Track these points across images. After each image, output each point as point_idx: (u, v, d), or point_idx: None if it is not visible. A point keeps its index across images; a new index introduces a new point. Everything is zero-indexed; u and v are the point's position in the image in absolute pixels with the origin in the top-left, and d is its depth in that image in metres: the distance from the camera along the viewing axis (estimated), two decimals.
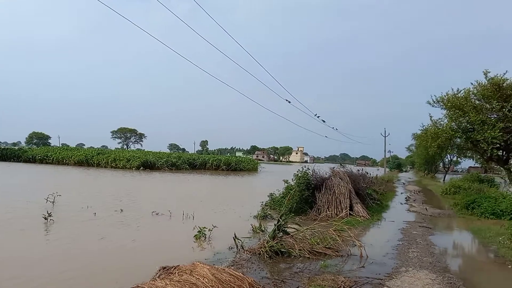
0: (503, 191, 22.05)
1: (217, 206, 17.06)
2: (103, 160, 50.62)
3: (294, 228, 10.08)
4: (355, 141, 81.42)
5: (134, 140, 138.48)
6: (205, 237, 10.29)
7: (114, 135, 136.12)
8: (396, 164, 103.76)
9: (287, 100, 23.86)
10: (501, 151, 19.50)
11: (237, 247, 9.17)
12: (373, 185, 23.68)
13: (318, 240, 9.54)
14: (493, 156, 19.85)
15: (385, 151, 61.80)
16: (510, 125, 18.88)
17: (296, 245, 9.04)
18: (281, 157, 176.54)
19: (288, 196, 13.95)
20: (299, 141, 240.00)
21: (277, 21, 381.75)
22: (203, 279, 5.47)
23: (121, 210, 14.47)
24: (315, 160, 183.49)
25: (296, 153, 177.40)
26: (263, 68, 21.93)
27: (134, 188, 25.53)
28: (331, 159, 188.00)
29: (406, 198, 24.67)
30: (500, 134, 18.49)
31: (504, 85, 19.40)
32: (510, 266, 8.65)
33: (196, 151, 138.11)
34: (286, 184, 16.86)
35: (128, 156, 50.85)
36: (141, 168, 46.78)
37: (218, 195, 23.04)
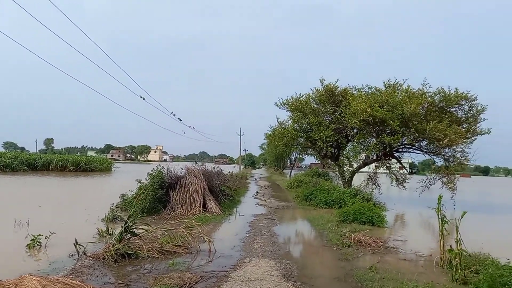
0: (334, 184, 25.54)
1: (60, 210, 15.31)
2: None
3: (143, 229, 9.72)
4: (212, 139, 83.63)
5: None
6: (41, 245, 9.05)
7: None
8: (251, 162, 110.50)
9: (141, 97, 22.98)
10: (333, 148, 22.43)
11: (78, 254, 8.33)
12: (227, 182, 24.59)
13: (168, 239, 9.38)
14: (327, 153, 22.75)
15: (240, 149, 65.26)
16: (340, 126, 21.89)
17: (144, 246, 8.69)
18: (138, 156, 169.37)
19: (137, 196, 13.38)
20: (158, 139, 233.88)
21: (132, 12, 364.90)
22: None
23: None
24: (175, 158, 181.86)
25: (155, 152, 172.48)
26: (113, 61, 20.42)
27: None
28: (190, 157, 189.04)
29: (256, 192, 26.39)
30: (332, 134, 21.27)
31: (336, 91, 22.35)
32: (335, 248, 10.02)
33: (39, 151, 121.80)
34: (139, 184, 16.17)
35: None
36: None
37: (62, 199, 20.64)
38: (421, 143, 20.53)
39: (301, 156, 56.90)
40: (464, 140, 19.24)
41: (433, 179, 21.54)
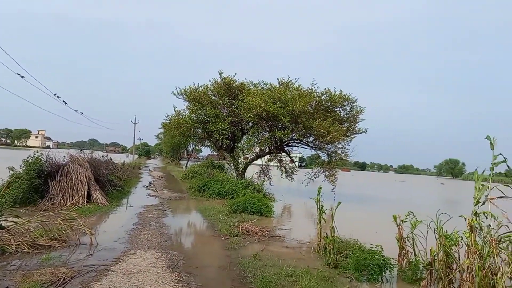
0: (228, 175, 26.05)
1: None
2: None
3: (13, 221, 8.73)
4: (103, 126, 78.24)
5: None
6: None
7: None
8: (146, 151, 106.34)
9: (19, 75, 20.32)
10: (229, 141, 22.81)
11: None
12: (117, 171, 23.30)
13: (43, 232, 8.54)
14: (223, 145, 23.06)
15: (134, 138, 62.24)
16: (236, 119, 22.35)
17: (13, 240, 7.78)
18: (16, 141, 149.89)
19: (7, 185, 11.89)
20: (41, 123, 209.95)
21: None
22: None
23: None
24: (60, 145, 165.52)
25: (36, 137, 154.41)
26: None
27: None
28: (78, 145, 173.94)
29: (149, 183, 25.54)
30: (228, 126, 21.61)
31: (233, 85, 22.70)
32: (223, 238, 10.25)
33: None
34: (11, 171, 14.33)
35: None
36: None
37: None
38: (309, 139, 22.12)
39: (198, 147, 56.72)
40: (345, 138, 21.28)
41: (317, 172, 23.41)
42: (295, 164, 26.76)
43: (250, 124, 22.43)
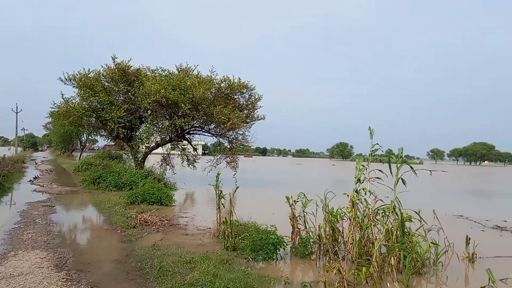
0: (126, 165, 24.84)
1: None
2: None
3: None
4: None
5: None
6: None
7: None
8: (32, 143, 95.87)
9: None
10: (125, 130, 21.71)
11: None
12: None
13: None
14: (120, 134, 21.86)
15: (16, 128, 55.42)
16: (133, 107, 21.34)
17: None
18: None
19: None
20: None
21: None
22: None
23: None
24: None
25: None
26: None
27: None
28: None
29: (34, 177, 23.09)
30: (124, 114, 20.52)
31: (128, 71, 21.57)
32: (119, 231, 9.78)
33: None
34: None
35: None
36: None
37: None
38: (210, 126, 22.14)
39: (92, 137, 52.83)
40: (245, 124, 21.79)
41: (219, 159, 23.62)
42: (197, 152, 26.60)
43: (148, 112, 21.55)
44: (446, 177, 45.24)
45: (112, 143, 41.85)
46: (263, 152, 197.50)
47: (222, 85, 21.31)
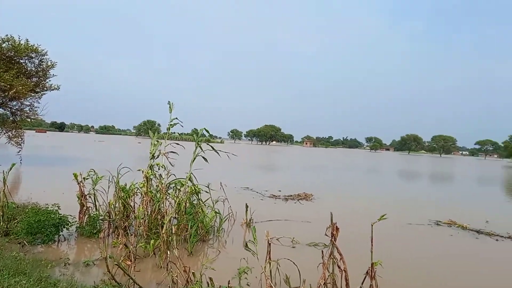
0: None
1: None
2: None
3: None
4: None
5: None
6: None
7: None
8: None
9: None
10: None
11: None
12: None
13: None
14: None
15: None
16: None
17: None
18: None
19: None
20: None
21: None
22: None
23: None
24: None
25: None
26: None
27: None
28: None
29: None
30: None
31: None
32: None
33: None
34: None
35: None
36: None
37: None
38: None
39: None
40: (33, 94, 18.95)
41: None
42: None
43: None
44: (244, 155, 50.68)
45: None
46: (60, 127, 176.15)
47: (3, 45, 17.85)
